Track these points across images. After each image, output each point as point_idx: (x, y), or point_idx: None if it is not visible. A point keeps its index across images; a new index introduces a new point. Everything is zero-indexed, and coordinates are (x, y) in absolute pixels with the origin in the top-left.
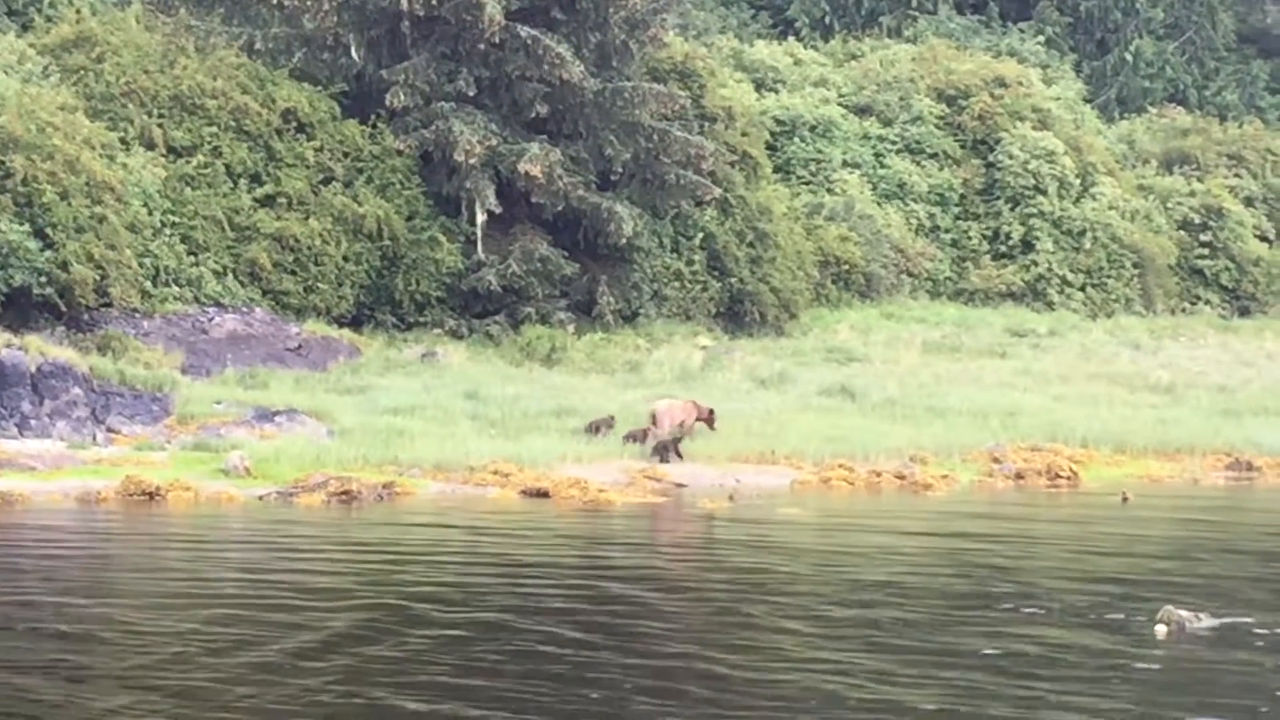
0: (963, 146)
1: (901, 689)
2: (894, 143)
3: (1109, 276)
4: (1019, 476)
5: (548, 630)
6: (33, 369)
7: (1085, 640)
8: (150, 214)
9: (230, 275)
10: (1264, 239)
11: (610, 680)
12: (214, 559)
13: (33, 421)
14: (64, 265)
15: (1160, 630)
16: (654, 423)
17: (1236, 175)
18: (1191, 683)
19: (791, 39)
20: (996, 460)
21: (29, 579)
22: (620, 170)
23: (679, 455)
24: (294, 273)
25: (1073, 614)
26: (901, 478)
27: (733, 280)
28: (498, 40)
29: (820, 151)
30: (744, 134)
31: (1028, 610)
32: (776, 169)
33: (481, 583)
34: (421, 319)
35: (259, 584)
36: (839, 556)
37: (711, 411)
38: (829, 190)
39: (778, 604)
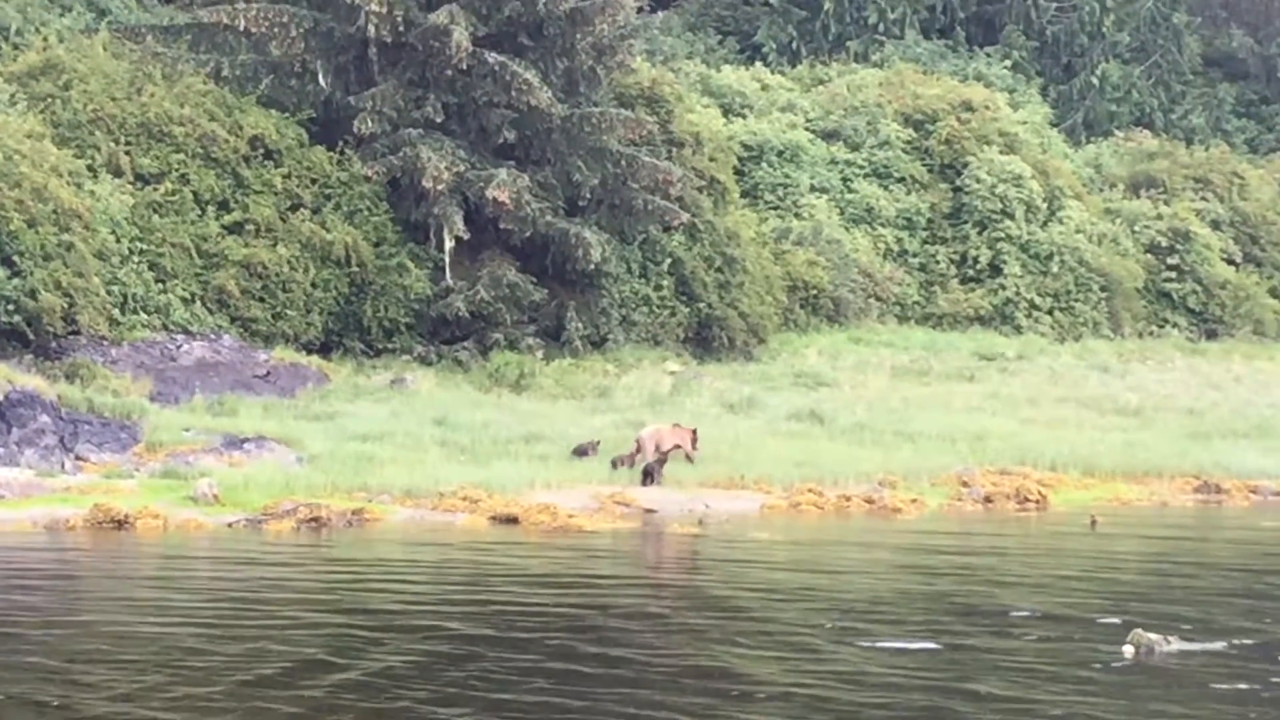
0: (930, 171)
1: (862, 708)
2: (861, 167)
3: (1076, 300)
4: (988, 500)
5: (515, 657)
6: (0, 397)
7: (1055, 663)
8: (118, 241)
9: (198, 302)
10: (1231, 262)
11: (580, 707)
12: (183, 586)
13: (0, 450)
14: (32, 293)
15: (1129, 652)
16: (639, 447)
17: (1203, 199)
18: (1159, 705)
19: (759, 64)
20: (965, 484)
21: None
22: (588, 196)
23: (652, 479)
24: (262, 299)
25: (1042, 637)
26: (870, 502)
27: (701, 305)
28: (465, 66)
29: (788, 176)
30: (711, 159)
31: (996, 633)
32: (744, 194)
33: (449, 609)
34: (390, 345)
35: (228, 611)
36: (808, 580)
37: (694, 431)
38: (796, 215)
39: (746, 627)
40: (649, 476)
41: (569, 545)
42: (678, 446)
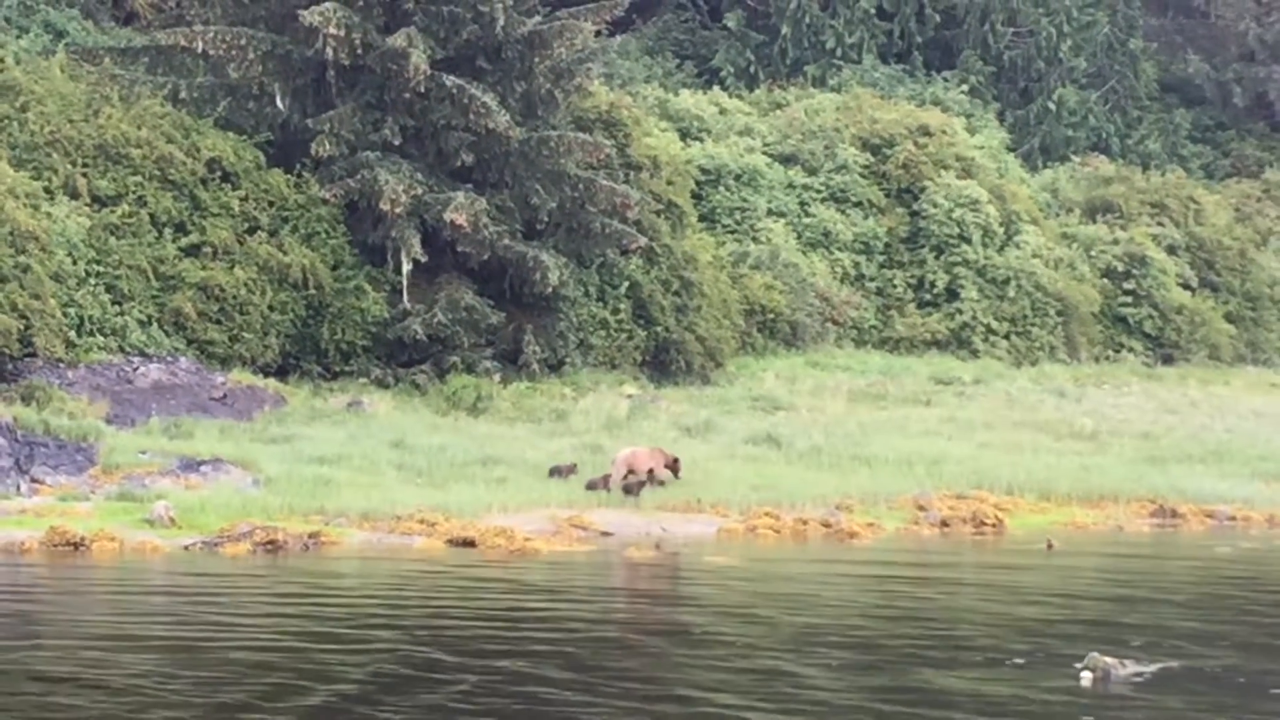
0: (887, 195)
1: None
2: (819, 191)
3: (1033, 324)
4: (944, 524)
5: (472, 679)
6: None
7: (1011, 688)
8: (74, 263)
9: (155, 325)
10: (1187, 287)
11: None
12: (139, 611)
13: None
14: None
15: (1086, 677)
16: (615, 470)
17: (1159, 224)
18: None
19: (716, 88)
20: (922, 508)
21: None
22: (546, 219)
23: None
24: (219, 322)
25: (998, 661)
26: (827, 525)
27: (658, 329)
28: (423, 89)
29: (745, 200)
30: (669, 183)
31: (953, 657)
32: (702, 218)
33: (405, 630)
34: (347, 368)
35: (185, 635)
36: (763, 605)
37: (676, 460)
38: (754, 239)
39: (702, 653)
40: (632, 490)
41: (524, 568)
42: (651, 471)
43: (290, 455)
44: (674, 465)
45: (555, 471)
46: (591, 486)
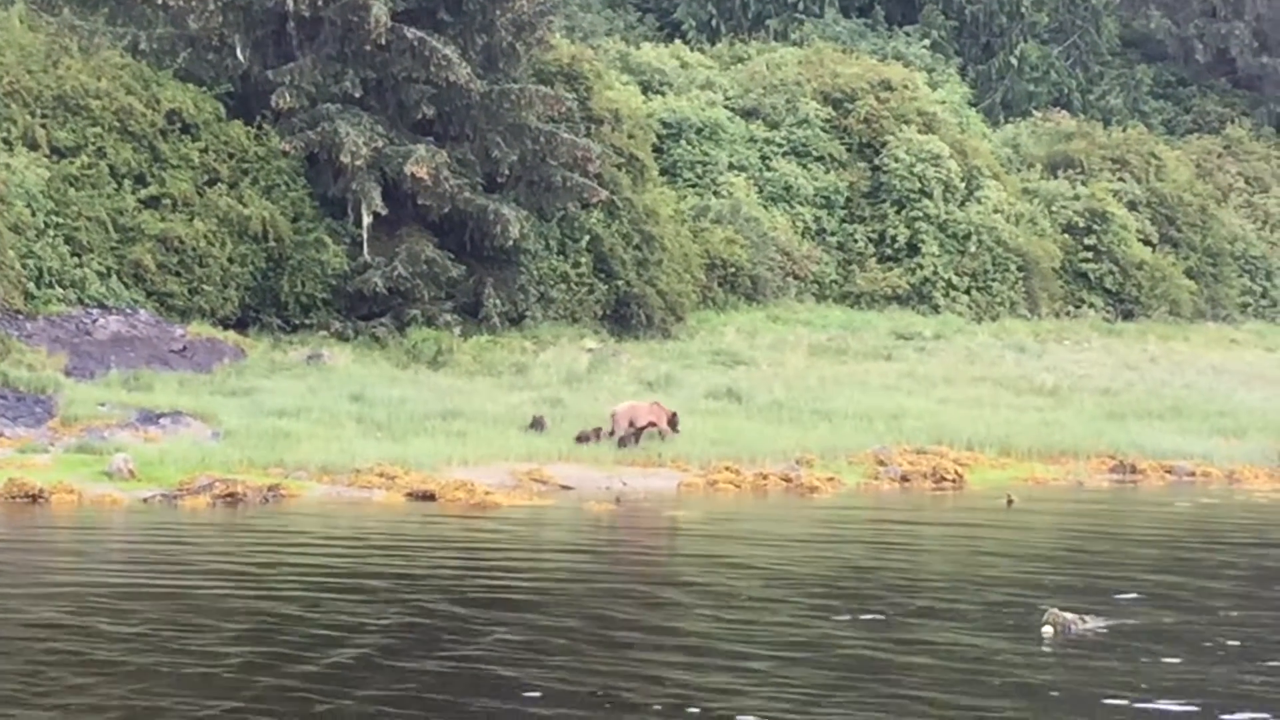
0: (849, 150)
1: (780, 689)
2: (780, 145)
3: (994, 280)
4: (904, 479)
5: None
6: None
7: (971, 641)
8: (33, 215)
9: (114, 277)
10: (1147, 243)
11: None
12: (98, 564)
13: None
14: None
15: (1046, 631)
16: (613, 423)
17: (1120, 179)
18: (1074, 683)
19: (678, 42)
20: (882, 463)
21: None
22: (507, 172)
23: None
24: (178, 274)
25: (958, 616)
26: (788, 480)
27: (619, 283)
28: (384, 42)
29: (706, 154)
30: (630, 136)
31: (913, 610)
32: (663, 171)
33: (368, 585)
34: (307, 321)
35: (143, 587)
36: (721, 559)
37: (674, 415)
38: (715, 193)
39: (656, 607)
40: (628, 441)
41: (483, 521)
42: (653, 424)
43: (250, 408)
44: (672, 419)
45: (535, 424)
46: (582, 439)
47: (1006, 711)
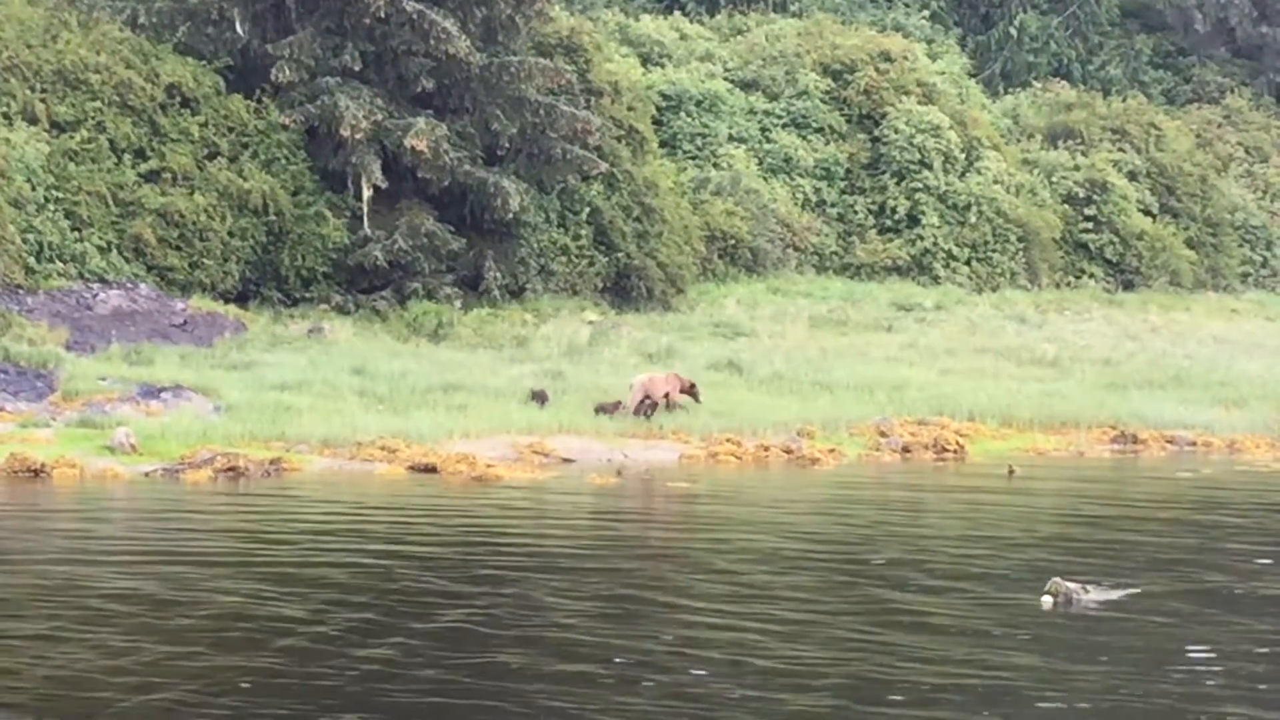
0: (848, 121)
1: (797, 656)
2: (780, 117)
3: (994, 250)
4: (906, 450)
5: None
6: None
7: (973, 611)
8: (34, 190)
9: (115, 251)
10: (1147, 213)
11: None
12: (101, 536)
13: None
14: None
15: (1047, 602)
16: (632, 394)
17: (1120, 150)
18: (1075, 652)
19: (677, 13)
20: (883, 434)
21: None
22: (507, 145)
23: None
24: (179, 248)
25: (961, 585)
26: (789, 452)
27: (619, 255)
28: (383, 15)
29: (706, 126)
30: (630, 109)
31: (915, 581)
32: (662, 144)
33: (363, 562)
34: (308, 294)
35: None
36: (727, 529)
37: (694, 384)
38: (715, 165)
39: (667, 576)
40: (639, 414)
41: (487, 495)
42: (667, 395)
43: (251, 382)
44: (691, 390)
45: (536, 396)
46: (602, 410)
47: (1007, 679)
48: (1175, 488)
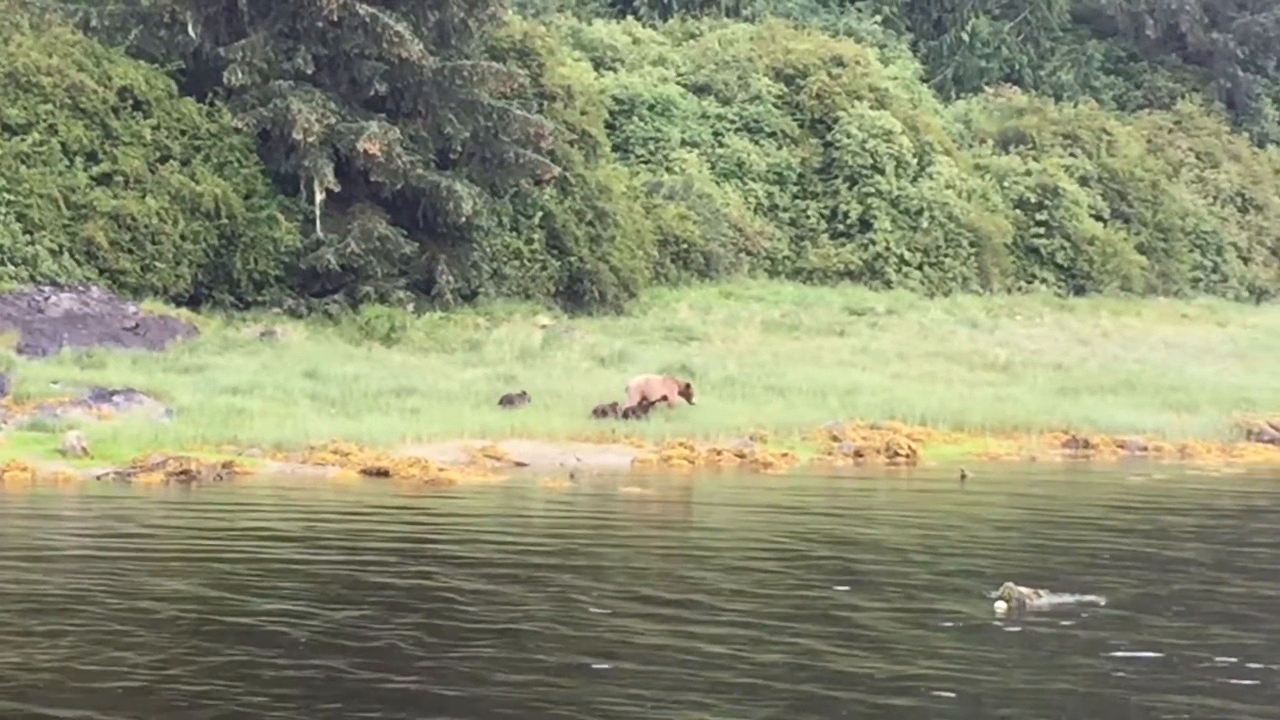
0: (801, 126)
1: (742, 660)
2: (732, 122)
3: (946, 255)
4: (858, 454)
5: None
6: None
7: (926, 617)
8: None
9: (66, 254)
10: (1099, 218)
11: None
12: (53, 539)
13: None
14: None
15: (1000, 607)
16: (629, 397)
17: (1071, 155)
18: (1026, 658)
19: (630, 18)
20: (835, 438)
21: None
22: (459, 149)
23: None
24: (131, 251)
25: (914, 590)
26: (741, 456)
27: (572, 259)
28: (336, 18)
29: (659, 130)
30: (583, 113)
31: (867, 585)
32: (615, 148)
33: (311, 562)
34: (260, 298)
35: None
36: (677, 534)
37: (688, 385)
38: (668, 169)
39: (611, 582)
40: (634, 413)
41: (439, 499)
42: (664, 398)
43: (203, 385)
44: (686, 391)
45: (506, 400)
46: (600, 413)
47: (960, 684)
48: (1127, 492)
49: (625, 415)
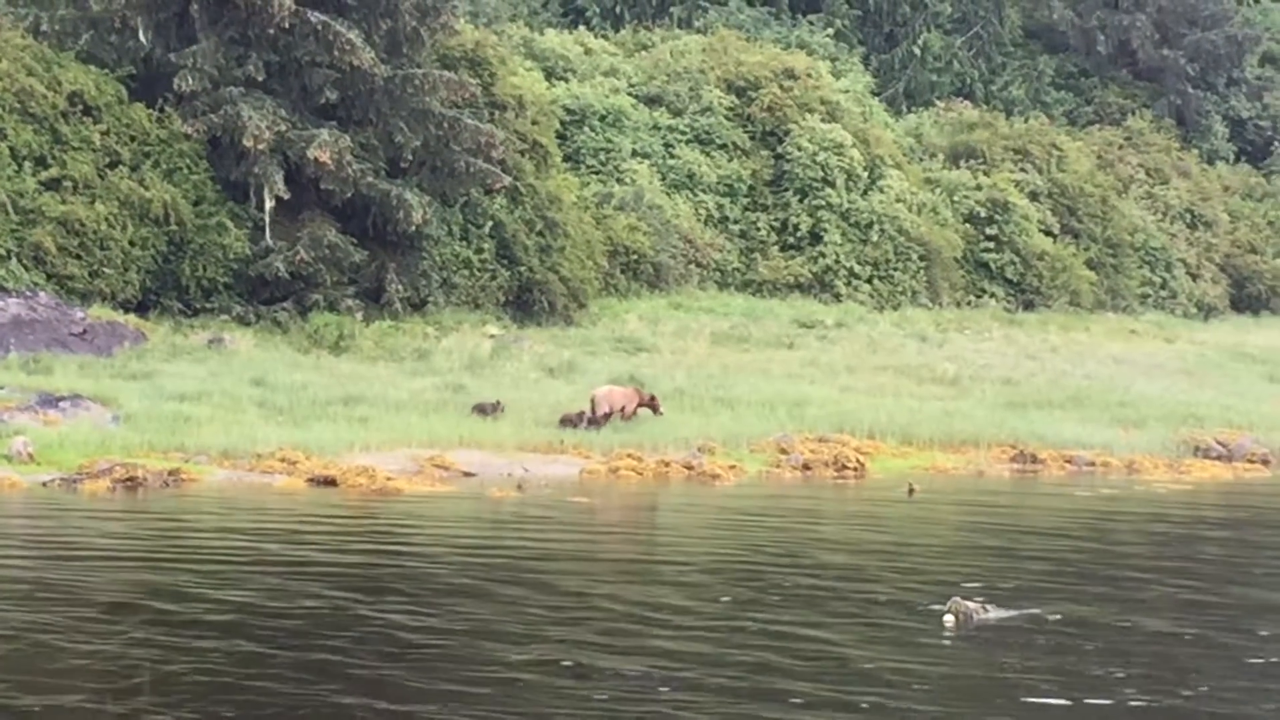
0: (752, 138)
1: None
2: (683, 133)
3: (896, 269)
4: (806, 467)
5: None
6: None
7: (873, 630)
8: None
9: (14, 259)
10: (1048, 233)
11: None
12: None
13: None
14: None
15: (948, 621)
16: (593, 407)
17: (1022, 170)
18: (973, 672)
19: (582, 28)
20: (784, 451)
21: None
22: (410, 157)
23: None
24: (79, 257)
25: (861, 603)
26: (690, 467)
27: (522, 269)
28: (288, 25)
29: (610, 141)
30: (534, 122)
31: (815, 599)
32: (566, 158)
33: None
34: (209, 305)
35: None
36: (619, 547)
37: (653, 397)
38: (618, 180)
39: (554, 593)
40: (592, 423)
41: (385, 508)
42: (631, 408)
43: (150, 392)
44: (652, 403)
45: (480, 409)
46: (566, 422)
47: (904, 700)
48: (1074, 508)
49: (588, 424)
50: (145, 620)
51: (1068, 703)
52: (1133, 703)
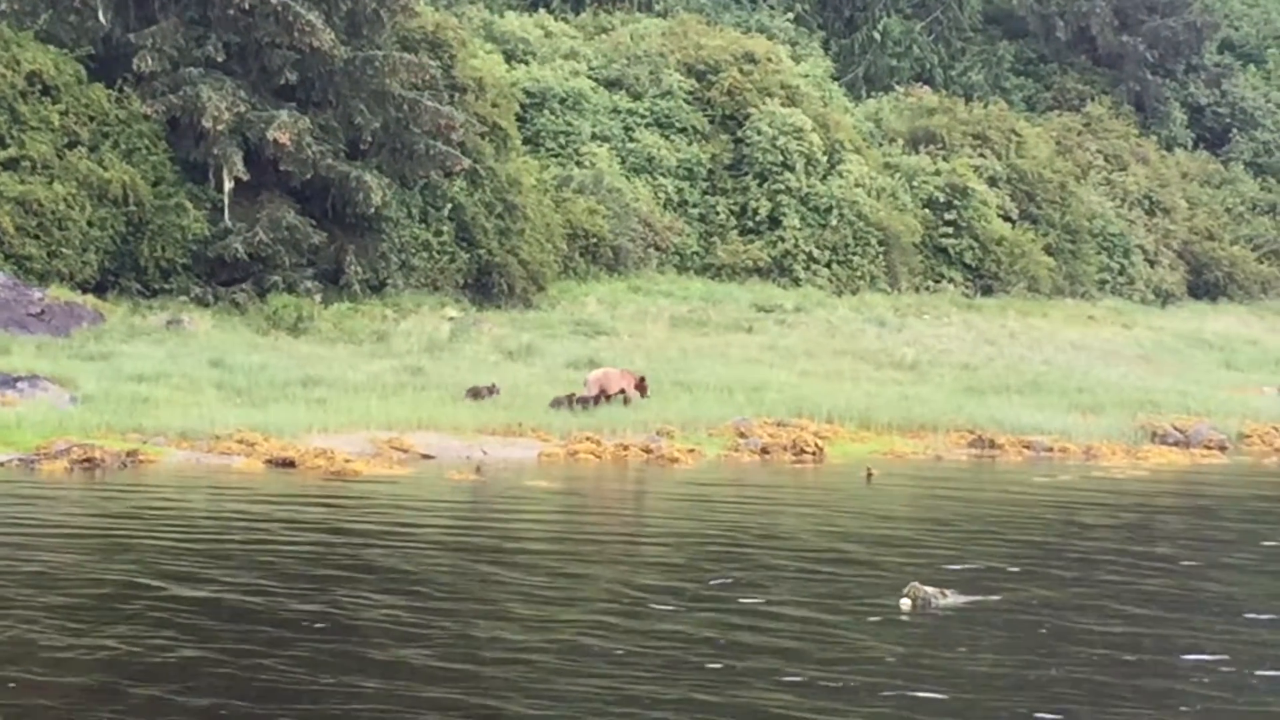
0: (712, 122)
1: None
2: (643, 117)
3: (855, 253)
4: (765, 451)
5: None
6: None
7: (831, 614)
8: None
9: None
10: (1007, 219)
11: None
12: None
13: None
14: None
15: (905, 605)
16: (587, 389)
17: (981, 155)
18: (931, 653)
19: (542, 11)
20: (742, 435)
21: None
22: (369, 139)
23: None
24: (37, 237)
25: (817, 588)
26: (648, 451)
27: (481, 252)
28: (247, 6)
29: (570, 124)
30: (494, 105)
31: (773, 583)
32: (526, 141)
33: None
34: (167, 286)
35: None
36: (578, 528)
37: (643, 379)
38: (578, 163)
39: (513, 576)
40: (584, 403)
41: (343, 491)
42: (622, 390)
43: (108, 373)
44: (641, 385)
45: (474, 392)
46: (557, 404)
47: (856, 680)
48: (1032, 492)
49: (578, 404)
50: (101, 604)
51: (1016, 680)
52: (1079, 677)
